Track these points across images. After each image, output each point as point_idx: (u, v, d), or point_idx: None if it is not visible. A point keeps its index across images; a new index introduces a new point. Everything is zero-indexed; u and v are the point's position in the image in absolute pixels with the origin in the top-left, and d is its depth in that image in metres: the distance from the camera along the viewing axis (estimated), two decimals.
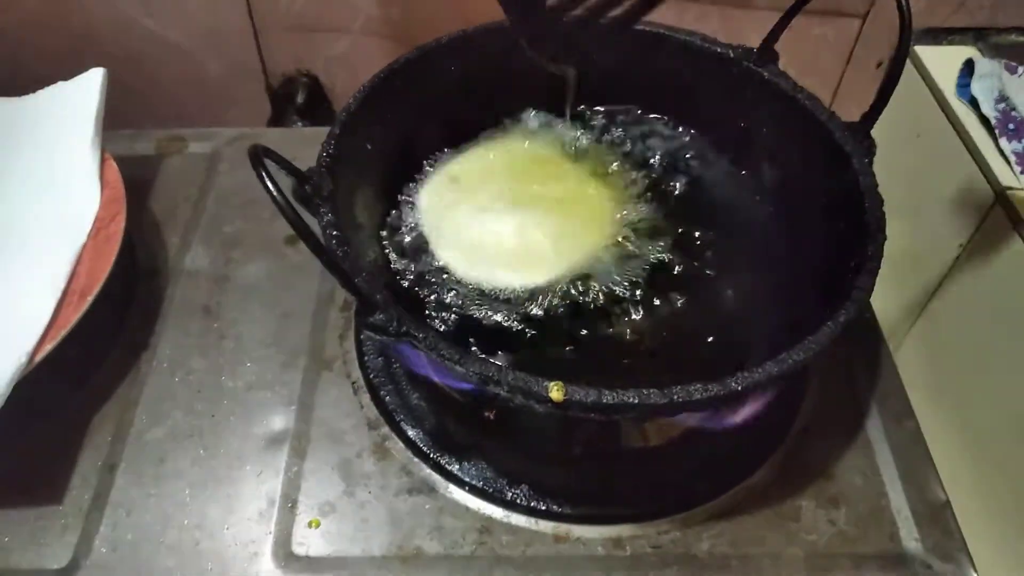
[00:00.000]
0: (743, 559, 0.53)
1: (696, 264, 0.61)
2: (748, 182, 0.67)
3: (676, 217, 0.64)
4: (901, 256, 0.88)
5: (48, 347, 0.55)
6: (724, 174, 0.68)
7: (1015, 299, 0.74)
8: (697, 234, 0.63)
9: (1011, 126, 0.78)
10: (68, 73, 0.72)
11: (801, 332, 0.47)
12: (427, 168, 0.66)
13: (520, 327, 0.56)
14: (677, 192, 0.66)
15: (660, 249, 0.61)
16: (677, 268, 0.61)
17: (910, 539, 0.55)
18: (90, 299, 0.57)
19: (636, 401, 0.44)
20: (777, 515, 0.55)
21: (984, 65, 0.83)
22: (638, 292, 0.58)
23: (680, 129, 0.70)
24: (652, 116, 0.70)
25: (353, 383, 0.62)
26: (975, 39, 0.90)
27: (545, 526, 0.54)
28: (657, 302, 0.58)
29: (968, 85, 0.83)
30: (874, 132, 0.57)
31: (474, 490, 0.56)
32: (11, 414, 0.52)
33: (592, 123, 0.70)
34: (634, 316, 0.57)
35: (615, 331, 0.56)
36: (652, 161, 0.68)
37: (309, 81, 0.96)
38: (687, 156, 0.69)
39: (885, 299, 0.87)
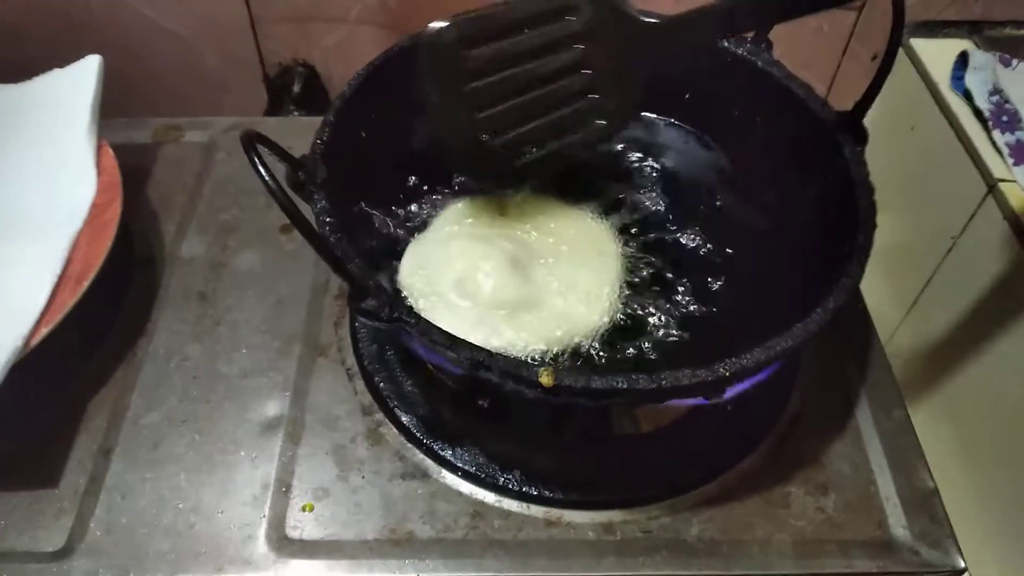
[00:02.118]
0: (732, 544, 0.54)
1: (689, 259, 0.62)
2: (740, 172, 0.67)
3: (669, 210, 0.65)
4: (894, 248, 0.89)
5: (44, 332, 0.55)
6: (716, 164, 0.68)
7: (1007, 291, 0.74)
8: (689, 229, 0.64)
9: (1004, 118, 0.78)
10: (65, 61, 0.72)
11: (791, 320, 0.48)
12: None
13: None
14: (669, 183, 0.67)
15: (655, 256, 0.62)
16: (670, 268, 0.61)
17: (898, 526, 0.55)
18: (86, 284, 0.57)
19: (625, 386, 0.44)
20: (766, 502, 0.56)
21: (978, 58, 0.83)
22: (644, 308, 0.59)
23: (671, 119, 0.71)
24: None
25: (347, 370, 0.62)
26: (970, 32, 0.90)
27: (536, 511, 0.55)
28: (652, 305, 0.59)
29: (962, 78, 0.83)
30: (868, 125, 0.58)
31: (467, 475, 0.56)
32: (7, 398, 0.52)
33: None
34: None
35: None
36: (642, 152, 0.68)
37: (306, 71, 0.95)
38: (678, 146, 0.69)
39: (878, 291, 0.87)
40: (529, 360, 0.53)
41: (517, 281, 0.57)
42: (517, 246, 0.60)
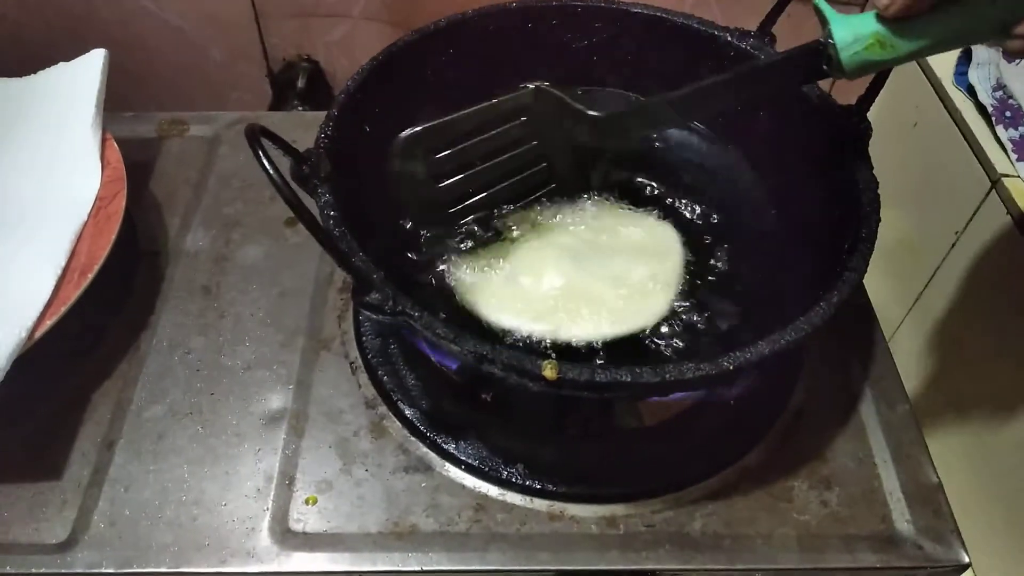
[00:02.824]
0: (735, 538, 0.54)
1: (694, 253, 0.62)
2: (745, 166, 0.67)
3: (678, 207, 0.65)
4: (898, 244, 0.89)
5: (48, 324, 0.55)
6: (720, 158, 0.68)
7: (1010, 286, 0.74)
8: (699, 223, 0.64)
9: (1008, 114, 0.78)
10: (70, 56, 0.72)
11: (795, 313, 0.48)
12: None
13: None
14: (673, 178, 0.66)
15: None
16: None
17: (902, 520, 0.55)
18: (90, 277, 0.58)
19: (629, 380, 0.44)
20: (770, 496, 0.56)
21: (982, 53, 0.83)
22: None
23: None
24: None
25: (351, 363, 0.62)
26: None
27: (540, 504, 0.55)
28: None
29: (966, 73, 0.83)
30: (872, 121, 0.58)
31: (470, 468, 0.56)
32: (11, 390, 0.52)
33: None
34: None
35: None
36: (647, 149, 0.68)
37: (310, 66, 0.96)
38: (681, 140, 0.69)
39: (881, 286, 0.87)
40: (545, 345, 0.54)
41: (572, 271, 0.58)
42: (575, 240, 0.61)
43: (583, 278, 0.58)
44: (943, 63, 0.86)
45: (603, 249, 0.61)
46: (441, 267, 0.59)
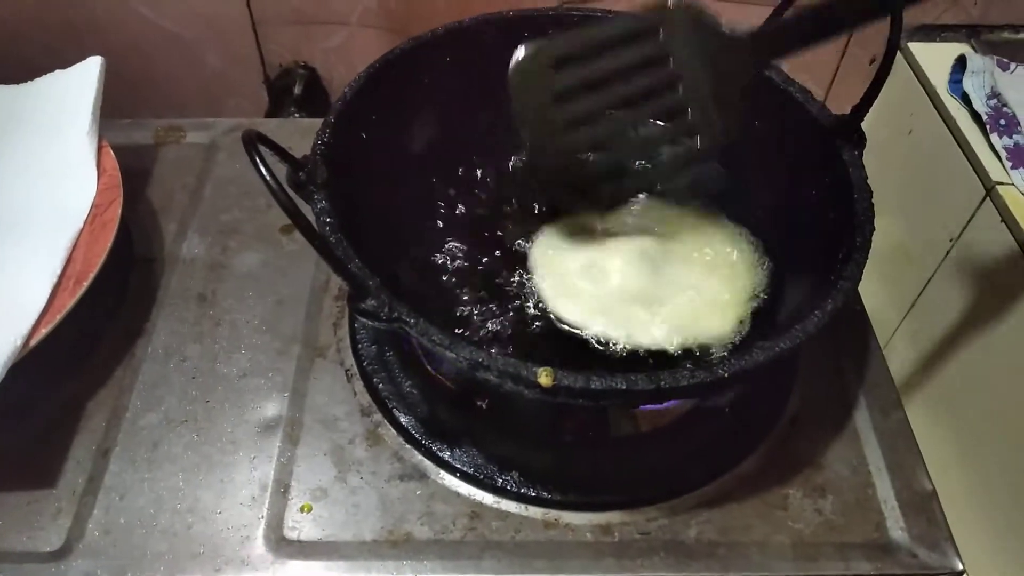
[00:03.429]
0: (730, 546, 0.54)
1: None
2: (738, 175, 0.67)
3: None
4: (892, 251, 0.89)
5: (43, 332, 0.55)
6: (713, 168, 0.68)
7: (1005, 293, 0.74)
8: None
9: (1002, 122, 0.78)
10: (67, 63, 0.72)
11: (790, 322, 0.48)
12: None
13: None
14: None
15: None
16: None
17: (896, 528, 0.55)
18: (85, 284, 0.58)
19: (624, 387, 0.44)
20: (764, 503, 0.56)
21: (976, 62, 0.83)
22: None
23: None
24: None
25: (347, 370, 0.62)
26: (968, 36, 0.90)
27: (535, 512, 0.55)
28: None
29: (960, 81, 0.83)
30: (866, 129, 0.58)
31: (465, 476, 0.56)
32: (6, 398, 0.52)
33: None
34: None
35: None
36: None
37: (307, 73, 0.96)
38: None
39: (876, 293, 0.88)
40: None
41: (646, 275, 0.58)
42: (652, 243, 0.61)
43: (656, 283, 0.58)
44: (938, 71, 0.86)
45: (679, 254, 0.61)
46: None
